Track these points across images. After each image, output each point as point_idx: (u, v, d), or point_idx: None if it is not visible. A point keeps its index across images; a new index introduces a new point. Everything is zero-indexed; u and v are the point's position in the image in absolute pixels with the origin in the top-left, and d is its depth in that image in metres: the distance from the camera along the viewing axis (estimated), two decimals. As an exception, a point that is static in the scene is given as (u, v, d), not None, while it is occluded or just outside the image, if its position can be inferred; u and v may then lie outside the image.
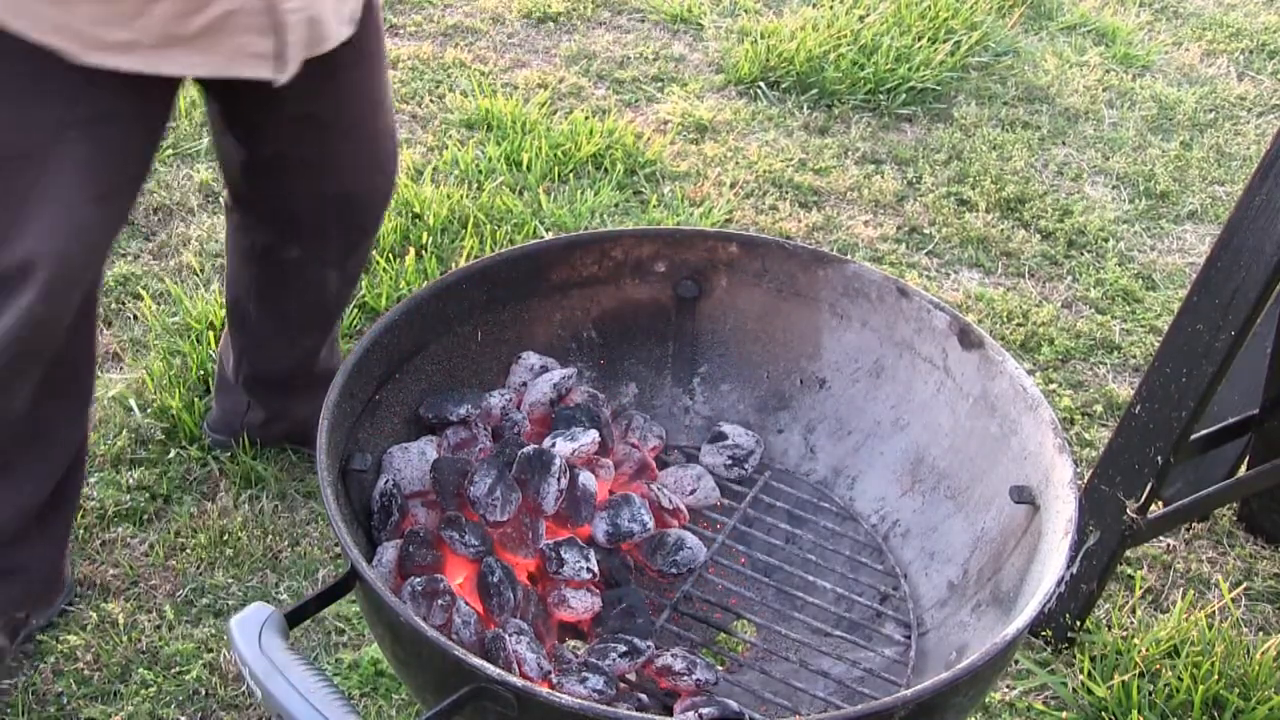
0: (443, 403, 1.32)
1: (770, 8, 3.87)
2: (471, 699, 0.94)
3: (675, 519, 1.32)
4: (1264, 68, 3.77)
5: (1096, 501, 1.74)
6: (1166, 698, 1.78)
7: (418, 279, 2.51)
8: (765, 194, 2.96)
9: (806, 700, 1.18)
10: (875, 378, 1.40)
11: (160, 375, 2.23)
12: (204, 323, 2.36)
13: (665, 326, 1.46)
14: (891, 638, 1.25)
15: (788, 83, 3.41)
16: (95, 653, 1.77)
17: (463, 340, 1.36)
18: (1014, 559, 1.19)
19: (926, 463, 1.34)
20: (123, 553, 1.94)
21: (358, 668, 1.77)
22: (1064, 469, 1.14)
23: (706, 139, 3.17)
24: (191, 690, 1.73)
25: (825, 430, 1.43)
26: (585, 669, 1.12)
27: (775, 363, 1.45)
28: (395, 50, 3.47)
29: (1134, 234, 2.93)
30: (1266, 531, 2.13)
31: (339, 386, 1.18)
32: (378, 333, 1.25)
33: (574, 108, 3.25)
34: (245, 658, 0.96)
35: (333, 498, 1.09)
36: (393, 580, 1.17)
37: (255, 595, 1.88)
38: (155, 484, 2.05)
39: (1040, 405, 1.20)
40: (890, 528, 1.35)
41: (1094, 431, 2.32)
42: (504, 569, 1.18)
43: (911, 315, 1.35)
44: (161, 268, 2.57)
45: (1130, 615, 1.93)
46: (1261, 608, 2.00)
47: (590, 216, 2.79)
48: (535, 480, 1.23)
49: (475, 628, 1.13)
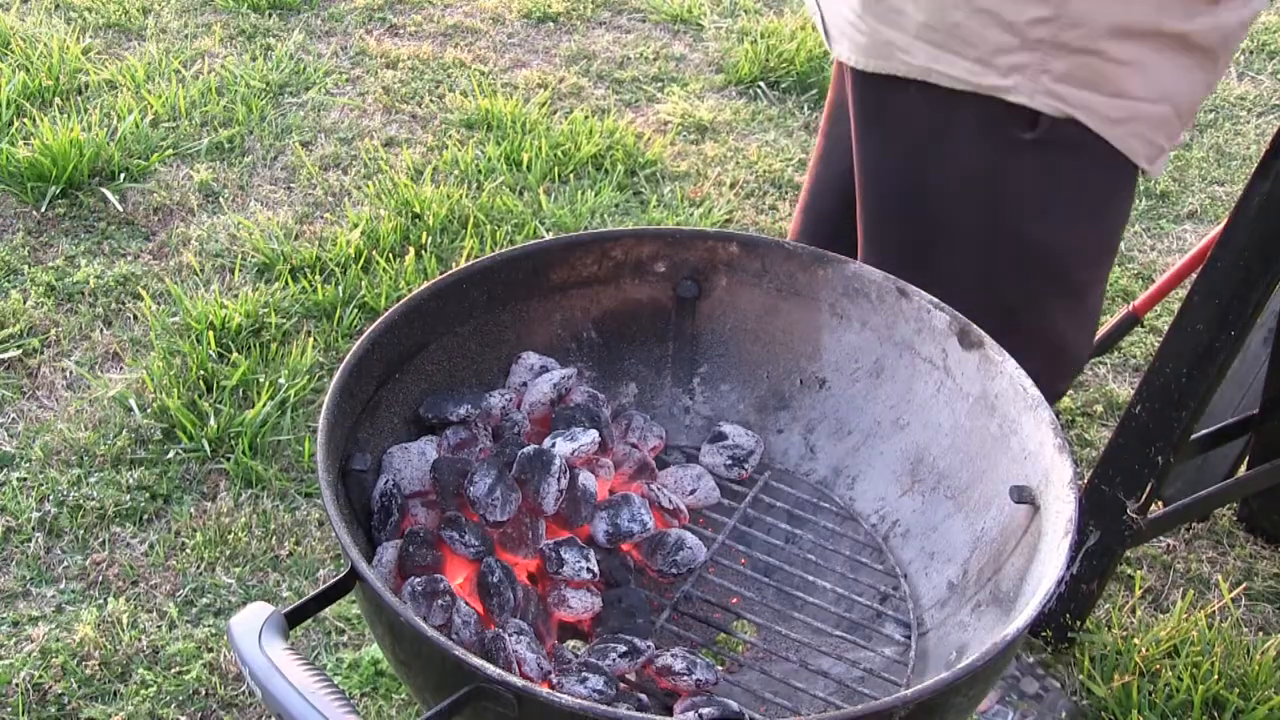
0: (443, 403, 1.32)
1: (770, 8, 3.87)
2: (471, 699, 0.94)
3: (675, 519, 1.32)
4: (1264, 68, 3.77)
5: (1096, 501, 1.74)
6: (1166, 698, 1.78)
7: (418, 279, 2.51)
8: (765, 194, 2.96)
9: (806, 700, 1.18)
10: (875, 378, 1.40)
11: (160, 375, 2.23)
12: (204, 323, 2.36)
13: (665, 326, 1.46)
14: (891, 638, 1.25)
15: (788, 83, 3.41)
16: (96, 652, 1.77)
17: (463, 340, 1.36)
18: (1014, 559, 1.19)
19: (926, 463, 1.34)
20: (123, 552, 1.94)
21: (358, 668, 1.77)
22: (1064, 469, 1.14)
23: (706, 139, 3.17)
24: (191, 690, 1.73)
25: (825, 430, 1.43)
26: (585, 669, 1.12)
27: (775, 363, 1.45)
28: (395, 50, 3.47)
29: (1134, 234, 2.93)
30: (1266, 531, 2.13)
31: (339, 386, 1.18)
32: (378, 333, 1.25)
33: (574, 108, 3.25)
34: (245, 657, 0.96)
35: (332, 498, 1.09)
36: (393, 580, 1.17)
37: (255, 595, 1.88)
38: (155, 484, 2.05)
39: (1040, 405, 1.20)
40: (890, 528, 1.35)
41: (1094, 431, 2.32)
42: (504, 569, 1.18)
43: (911, 315, 1.35)
44: (161, 268, 2.58)
45: (1130, 615, 1.93)
46: (1261, 608, 2.00)
47: (590, 216, 2.79)
48: (535, 480, 1.23)
49: (475, 628, 1.13)
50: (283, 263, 2.58)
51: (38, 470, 2.07)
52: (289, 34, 3.51)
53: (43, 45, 3.29)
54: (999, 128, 1.37)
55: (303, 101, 3.21)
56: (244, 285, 2.53)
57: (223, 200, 2.80)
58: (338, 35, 3.55)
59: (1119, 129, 1.35)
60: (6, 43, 3.29)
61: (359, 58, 3.45)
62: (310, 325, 2.43)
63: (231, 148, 2.99)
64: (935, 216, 1.49)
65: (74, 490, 2.03)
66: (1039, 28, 1.30)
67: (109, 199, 2.74)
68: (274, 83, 3.24)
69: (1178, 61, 1.32)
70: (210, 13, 3.60)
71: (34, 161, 2.75)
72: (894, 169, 1.50)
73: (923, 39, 1.36)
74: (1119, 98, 1.33)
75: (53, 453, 2.11)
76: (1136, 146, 1.36)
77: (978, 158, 1.41)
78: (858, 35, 1.44)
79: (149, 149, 2.92)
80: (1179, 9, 1.29)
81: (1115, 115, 1.34)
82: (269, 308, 2.44)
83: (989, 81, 1.34)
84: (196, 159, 2.93)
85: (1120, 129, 1.35)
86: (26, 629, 1.81)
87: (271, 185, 2.88)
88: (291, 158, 2.98)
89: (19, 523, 1.98)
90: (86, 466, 2.08)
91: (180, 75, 3.25)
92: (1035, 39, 1.30)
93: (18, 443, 2.13)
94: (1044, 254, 1.45)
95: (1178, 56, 1.32)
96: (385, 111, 3.21)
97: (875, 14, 1.40)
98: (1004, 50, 1.32)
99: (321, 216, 2.77)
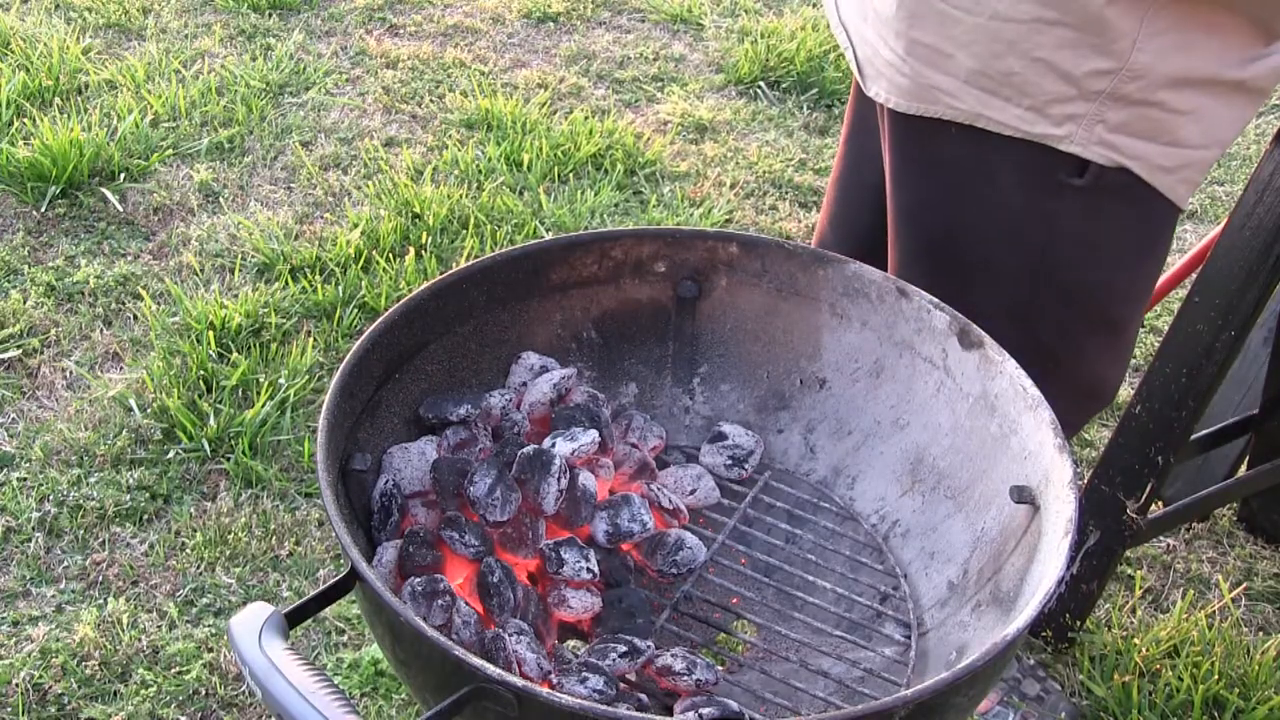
0: (443, 403, 1.32)
1: (770, 8, 3.87)
2: (471, 699, 0.94)
3: (675, 519, 1.32)
4: (1264, 68, 3.77)
5: (1096, 501, 1.74)
6: (1166, 698, 1.78)
7: (418, 279, 2.51)
8: (765, 194, 2.96)
9: (806, 700, 1.18)
10: (875, 378, 1.40)
11: (160, 375, 2.23)
12: (204, 323, 2.36)
13: (665, 326, 1.46)
14: (891, 638, 1.25)
15: (788, 83, 3.41)
16: (96, 652, 1.77)
17: (463, 340, 1.36)
18: (1014, 559, 1.19)
19: (926, 463, 1.34)
20: (123, 552, 1.94)
21: (358, 668, 1.77)
22: (1064, 469, 1.14)
23: (706, 139, 3.17)
24: (191, 690, 1.73)
25: (825, 430, 1.43)
26: (585, 669, 1.12)
27: (775, 363, 1.45)
28: (395, 50, 3.47)
29: (1134, 234, 2.93)
30: (1266, 531, 2.13)
31: (339, 386, 1.18)
32: (378, 333, 1.25)
33: (574, 108, 3.25)
34: (245, 657, 0.96)
35: (332, 498, 1.09)
36: (393, 580, 1.17)
37: (255, 595, 1.88)
38: (155, 484, 2.05)
39: (1040, 405, 1.20)
40: (890, 528, 1.35)
41: (1094, 431, 2.32)
42: (504, 569, 1.18)
43: (911, 315, 1.35)
44: (161, 268, 2.58)
45: (1130, 615, 1.93)
46: (1261, 608, 2.00)
47: (590, 216, 2.79)
48: (535, 480, 1.23)
49: (475, 628, 1.13)
50: (283, 263, 2.58)
51: (38, 470, 2.07)
52: (289, 34, 3.51)
53: (43, 45, 3.29)
54: (1046, 173, 1.36)
55: (303, 101, 3.21)
56: (244, 285, 2.53)
57: (223, 200, 2.80)
58: (338, 35, 3.55)
59: (1170, 177, 1.34)
60: (6, 43, 3.29)
61: (359, 58, 3.45)
62: (310, 325, 2.43)
63: (231, 148, 2.99)
64: (975, 257, 1.47)
65: (74, 490, 2.03)
66: (1099, 80, 1.28)
67: (109, 199, 2.74)
68: (274, 83, 3.24)
69: (1233, 106, 1.31)
70: (210, 13, 3.60)
71: (34, 161, 2.75)
72: (934, 208, 1.48)
73: (973, 85, 1.34)
74: (1174, 146, 1.32)
75: (53, 453, 2.11)
76: (1183, 192, 1.36)
77: (1023, 202, 1.39)
78: (899, 77, 1.40)
79: (149, 149, 2.92)
80: (1236, 57, 1.28)
81: (1168, 164, 1.33)
82: (269, 308, 2.44)
83: (1041, 130, 1.32)
84: (196, 159, 2.93)
85: (1171, 177, 1.34)
86: (26, 629, 1.81)
87: (271, 185, 2.88)
88: (291, 158, 2.98)
89: (19, 523, 1.98)
90: (86, 466, 2.08)
91: (180, 75, 3.25)
92: (1094, 90, 1.29)
93: (18, 443, 2.13)
94: (1085, 296, 1.45)
95: (1234, 101, 1.31)
96: (385, 111, 3.21)
97: (921, 58, 1.37)
98: (1060, 100, 1.30)
99: (321, 216, 2.77)
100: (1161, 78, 1.27)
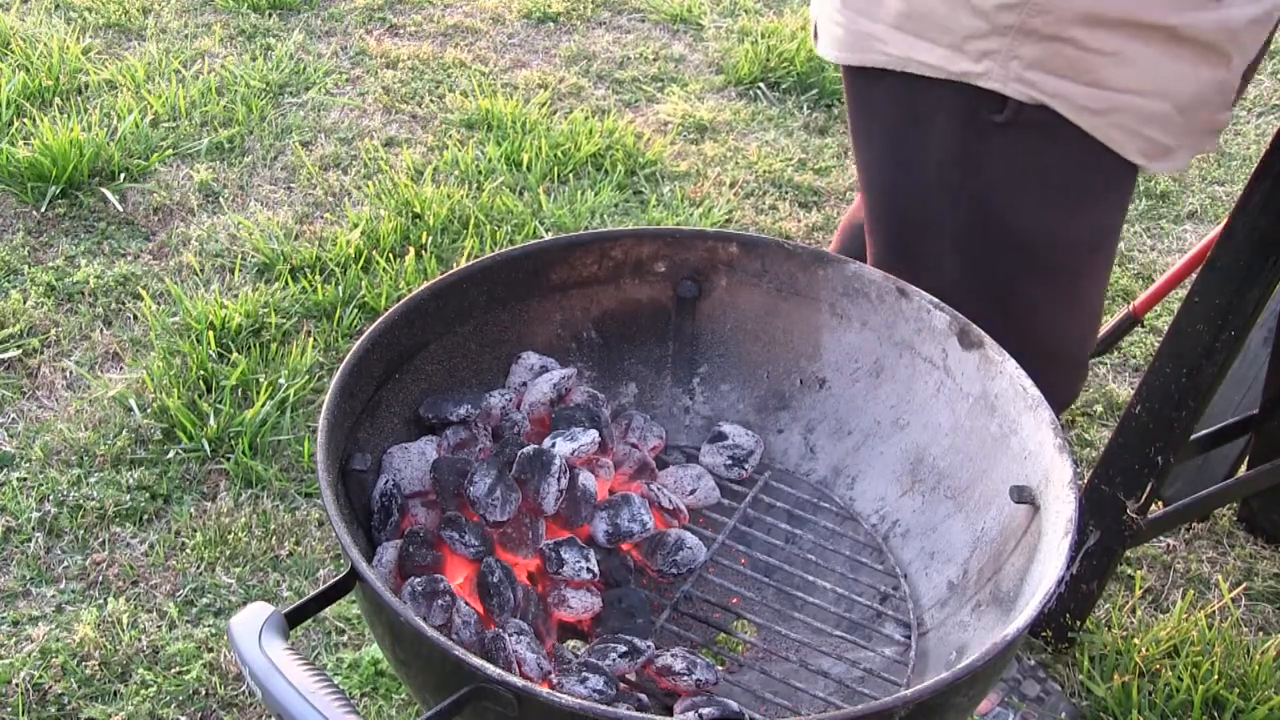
0: (443, 403, 1.32)
1: (770, 8, 3.87)
2: (471, 699, 0.94)
3: (675, 519, 1.32)
4: (1264, 68, 3.77)
5: (1096, 501, 1.74)
6: (1166, 698, 1.78)
7: (418, 279, 2.51)
8: (765, 194, 2.96)
9: (806, 700, 1.18)
10: (875, 378, 1.40)
11: (160, 375, 2.23)
12: (204, 323, 2.36)
13: (665, 326, 1.46)
14: (891, 638, 1.25)
15: (788, 83, 3.41)
16: (96, 652, 1.77)
17: (463, 340, 1.36)
18: (1014, 559, 1.19)
19: (926, 463, 1.34)
20: (123, 552, 1.94)
21: (358, 668, 1.77)
22: (1064, 469, 1.14)
23: (706, 139, 3.17)
24: (191, 690, 1.73)
25: (825, 430, 1.43)
26: (585, 669, 1.12)
27: (775, 363, 1.45)
28: (395, 50, 3.47)
29: (1134, 234, 2.93)
30: (1266, 531, 2.12)
31: (339, 386, 1.18)
32: (378, 333, 1.25)
33: (574, 108, 3.25)
34: (245, 657, 0.96)
35: (332, 498, 1.09)
36: (393, 580, 1.17)
37: (255, 595, 1.88)
38: (155, 484, 2.05)
39: (1040, 405, 1.20)
40: (890, 528, 1.35)
41: (1094, 431, 2.32)
42: (504, 569, 1.18)
43: (911, 315, 1.35)
44: (161, 268, 2.58)
45: (1130, 615, 1.93)
46: (1261, 608, 2.00)
47: (590, 216, 2.79)
48: (535, 480, 1.23)
49: (475, 628, 1.13)
50: (283, 263, 2.58)
51: (38, 470, 2.07)
52: (289, 34, 3.51)
53: (43, 45, 3.29)
54: (973, 113, 1.38)
55: (303, 101, 3.21)
56: (244, 285, 2.53)
57: (223, 200, 2.80)
58: (338, 35, 3.55)
59: (1098, 119, 1.34)
60: (6, 43, 3.29)
61: (359, 58, 3.45)
62: (310, 325, 2.43)
63: (231, 148, 2.99)
64: (919, 207, 1.50)
65: (74, 490, 2.03)
66: (1006, 13, 1.30)
67: (109, 199, 2.74)
68: (274, 83, 3.24)
69: (1171, 55, 1.31)
70: (210, 13, 3.60)
71: (34, 161, 2.75)
72: (879, 161, 1.51)
73: (899, 28, 1.38)
74: (1097, 87, 1.32)
75: (53, 453, 2.11)
76: (1120, 139, 1.35)
77: (952, 144, 1.42)
78: (836, 29, 1.45)
79: (149, 149, 2.92)
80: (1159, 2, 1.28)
81: (1093, 105, 1.33)
82: (269, 308, 2.44)
83: (962, 68, 1.35)
84: (196, 159, 2.93)
85: (1099, 119, 1.34)
86: (26, 629, 1.81)
87: (271, 185, 2.88)
88: (291, 158, 2.98)
89: (19, 523, 1.98)
90: (86, 466, 2.08)
91: (180, 75, 3.25)
92: (1004, 24, 1.31)
93: (18, 443, 2.13)
94: (1024, 241, 1.45)
95: (1170, 50, 1.30)
96: (385, 111, 3.21)
97: (855, 7, 1.42)
98: (975, 36, 1.33)
99: (321, 216, 2.77)
100: (1070, 14, 1.28)
